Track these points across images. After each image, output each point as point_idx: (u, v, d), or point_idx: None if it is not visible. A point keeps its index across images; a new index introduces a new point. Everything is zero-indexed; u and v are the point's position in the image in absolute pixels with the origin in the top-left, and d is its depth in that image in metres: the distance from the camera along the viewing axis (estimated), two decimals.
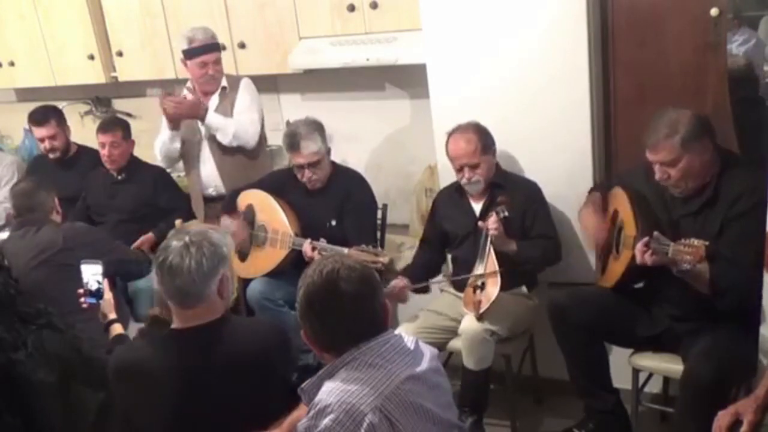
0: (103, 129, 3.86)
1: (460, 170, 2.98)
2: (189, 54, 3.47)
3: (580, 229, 2.95)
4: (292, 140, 3.20)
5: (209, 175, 3.63)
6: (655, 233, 2.41)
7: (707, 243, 2.27)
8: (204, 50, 3.44)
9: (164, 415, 1.94)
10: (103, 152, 3.84)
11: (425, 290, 3.16)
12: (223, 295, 2.01)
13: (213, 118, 3.47)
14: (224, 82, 3.57)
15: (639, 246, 2.41)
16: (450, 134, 2.99)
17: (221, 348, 1.95)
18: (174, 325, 2.01)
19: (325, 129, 3.28)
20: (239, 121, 3.49)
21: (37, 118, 4.06)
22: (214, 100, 3.57)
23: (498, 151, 3.03)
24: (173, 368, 1.93)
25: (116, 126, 3.89)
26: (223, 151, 3.57)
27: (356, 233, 3.15)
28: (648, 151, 2.51)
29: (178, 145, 3.62)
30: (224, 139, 3.49)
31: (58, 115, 4.11)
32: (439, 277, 3.24)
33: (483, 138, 2.95)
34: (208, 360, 1.94)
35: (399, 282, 3.05)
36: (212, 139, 3.56)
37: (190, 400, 1.92)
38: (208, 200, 3.68)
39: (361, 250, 2.83)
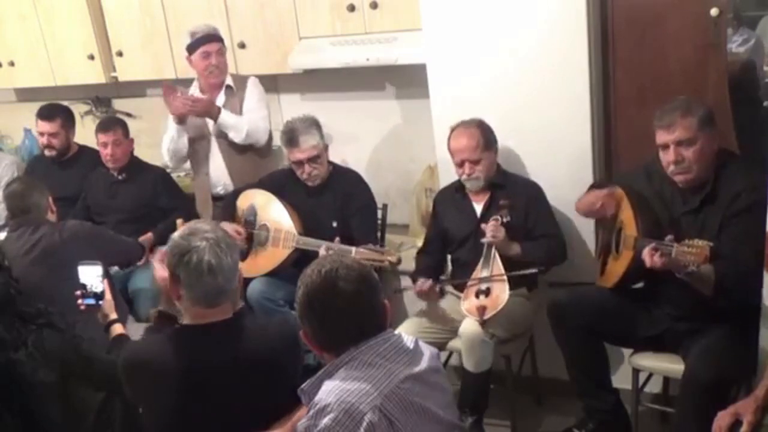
0: (104, 128, 3.86)
1: (460, 165, 2.98)
2: (191, 47, 3.48)
3: (583, 207, 2.88)
4: (291, 136, 3.22)
5: (218, 174, 3.64)
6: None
7: (711, 244, 2.27)
8: (205, 40, 3.45)
9: (171, 411, 1.94)
10: (105, 152, 3.85)
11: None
12: (239, 289, 2.02)
13: (226, 116, 3.48)
14: (230, 81, 3.58)
15: (646, 250, 2.40)
16: (453, 129, 3.00)
17: (232, 346, 1.95)
18: (186, 322, 2.00)
19: (325, 129, 3.29)
20: (250, 119, 3.51)
21: (44, 113, 4.08)
22: (220, 99, 3.58)
23: (498, 151, 3.04)
24: (182, 364, 1.93)
25: (116, 124, 3.90)
26: (232, 150, 3.59)
27: (364, 234, 3.16)
28: (662, 131, 2.49)
29: (185, 140, 3.61)
30: (237, 137, 3.50)
31: (65, 117, 4.12)
32: (446, 279, 3.24)
33: (486, 134, 2.95)
34: (218, 358, 1.93)
35: (426, 283, 3.01)
36: (221, 137, 3.57)
37: (196, 397, 1.92)
38: (216, 199, 3.69)
39: (369, 250, 2.84)
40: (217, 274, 1.88)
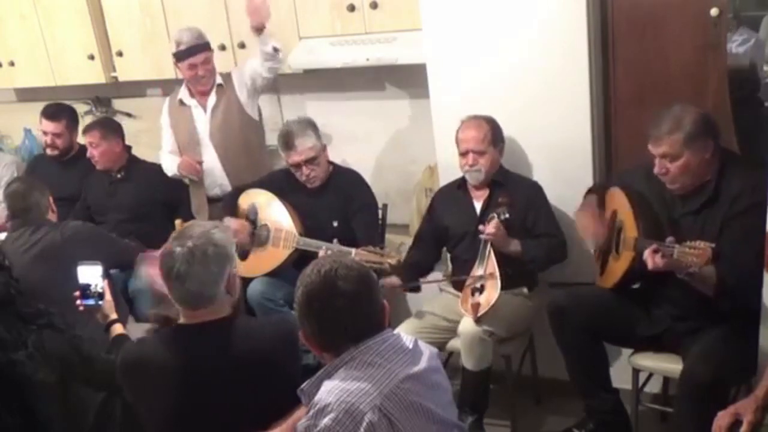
0: (84, 129, 3.92)
1: (464, 155, 2.99)
2: (177, 57, 3.52)
3: (578, 230, 2.94)
4: (287, 139, 3.23)
5: (214, 175, 3.66)
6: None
7: (713, 245, 2.26)
8: (190, 52, 3.48)
9: (168, 410, 1.95)
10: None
11: (417, 289, 3.17)
12: (231, 292, 2.01)
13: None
14: (220, 80, 3.59)
15: (648, 252, 2.40)
16: (463, 121, 3.01)
17: (227, 345, 1.95)
18: (181, 321, 2.02)
19: (325, 129, 3.29)
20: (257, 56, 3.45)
21: (50, 112, 4.10)
22: (211, 99, 3.61)
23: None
24: (178, 363, 1.94)
25: (95, 127, 3.89)
26: (227, 150, 3.60)
27: (365, 234, 3.17)
28: (650, 143, 2.51)
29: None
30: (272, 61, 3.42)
31: (70, 117, 4.14)
32: (435, 275, 3.24)
33: (494, 130, 2.97)
34: (213, 356, 1.94)
35: (391, 281, 3.04)
36: (214, 140, 3.58)
37: (193, 396, 1.92)
38: (213, 200, 3.71)
39: (369, 251, 2.84)
40: (183, 281, 1.91)
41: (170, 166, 3.73)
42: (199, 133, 3.63)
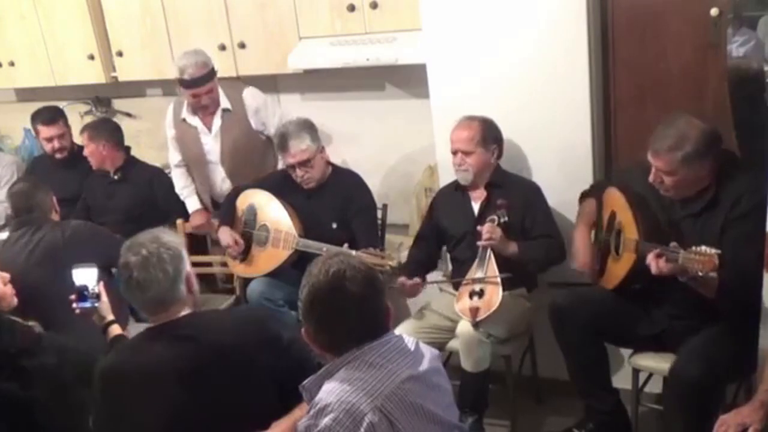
0: (81, 131, 3.94)
1: (454, 154, 3.01)
2: (181, 84, 3.51)
3: (572, 251, 2.92)
4: (281, 140, 3.24)
5: (221, 186, 3.67)
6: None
7: (719, 251, 2.24)
8: (194, 84, 3.47)
9: (147, 413, 1.93)
10: None
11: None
12: (191, 290, 2.02)
13: None
14: (227, 104, 3.60)
15: (651, 256, 2.40)
16: (458, 121, 3.01)
17: (190, 340, 1.94)
18: (147, 325, 2.04)
19: (325, 129, 3.29)
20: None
21: (46, 117, 4.10)
22: (216, 121, 3.62)
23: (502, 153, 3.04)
24: (145, 364, 1.94)
25: (86, 128, 3.93)
26: (235, 171, 3.64)
27: (364, 236, 3.17)
28: (650, 154, 2.51)
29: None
30: None
31: (64, 116, 4.18)
32: (436, 275, 3.24)
33: (485, 131, 2.96)
34: (177, 353, 1.92)
35: (410, 280, 3.04)
36: (225, 164, 3.64)
37: (167, 396, 1.91)
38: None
39: (368, 253, 2.83)
40: (145, 290, 1.93)
41: (182, 188, 3.80)
42: (207, 154, 3.66)
